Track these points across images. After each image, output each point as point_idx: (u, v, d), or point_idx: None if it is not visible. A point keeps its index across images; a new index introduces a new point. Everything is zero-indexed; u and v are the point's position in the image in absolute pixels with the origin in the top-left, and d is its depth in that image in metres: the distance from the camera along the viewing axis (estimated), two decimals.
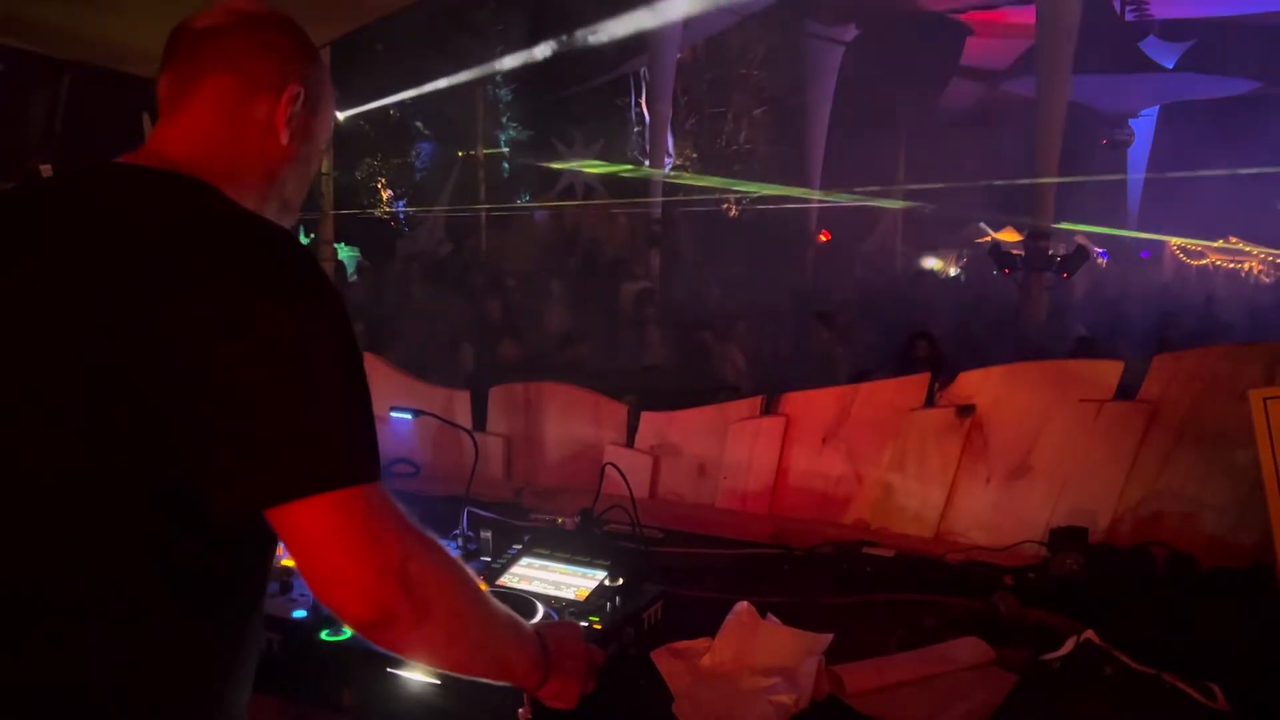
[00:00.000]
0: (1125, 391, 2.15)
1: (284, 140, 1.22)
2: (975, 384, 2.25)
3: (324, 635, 1.49)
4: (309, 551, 0.99)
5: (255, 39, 1.21)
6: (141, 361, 0.97)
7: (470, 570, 1.14)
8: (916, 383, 2.33)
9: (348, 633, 1.49)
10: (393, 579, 0.99)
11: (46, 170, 2.72)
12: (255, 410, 0.97)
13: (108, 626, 1.02)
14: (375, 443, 1.05)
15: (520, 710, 1.27)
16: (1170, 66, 17.90)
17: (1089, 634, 1.36)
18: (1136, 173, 20.20)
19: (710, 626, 1.62)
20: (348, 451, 1.01)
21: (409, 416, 2.44)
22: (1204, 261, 21.93)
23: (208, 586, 1.07)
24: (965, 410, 2.23)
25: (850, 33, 18.01)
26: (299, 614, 1.55)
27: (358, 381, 1.05)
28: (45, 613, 1.01)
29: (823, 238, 18.67)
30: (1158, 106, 19.76)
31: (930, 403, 2.30)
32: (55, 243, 1.06)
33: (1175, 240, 21.40)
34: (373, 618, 1.00)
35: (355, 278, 13.12)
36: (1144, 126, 19.54)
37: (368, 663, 1.44)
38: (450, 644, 1.10)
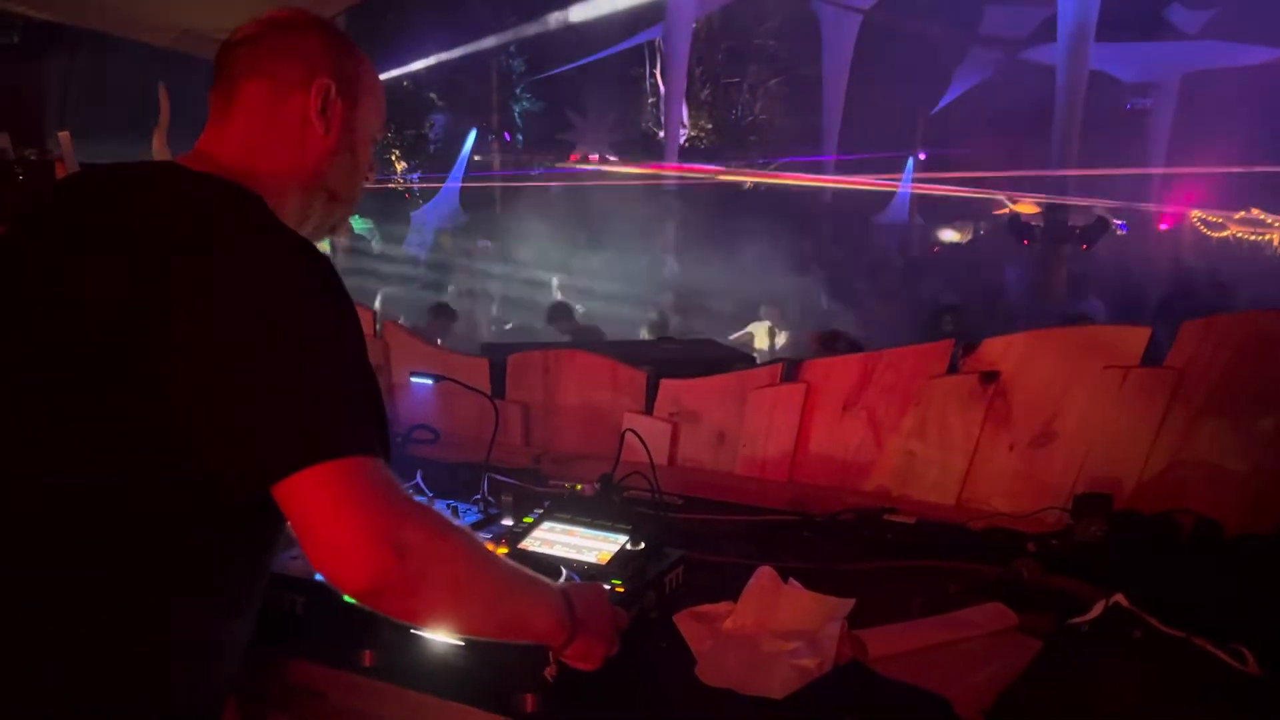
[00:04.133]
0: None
1: (321, 131, 1.30)
2: (999, 351, 2.23)
3: (347, 596, 1.49)
4: (303, 524, 1.01)
5: (282, 43, 1.29)
6: (138, 343, 1.02)
7: (473, 535, 1.16)
8: (939, 350, 2.30)
9: None
10: (386, 548, 1.00)
11: (65, 137, 2.73)
12: (244, 391, 1.01)
13: (102, 612, 1.06)
14: (370, 417, 1.07)
15: (546, 669, 1.27)
16: (1193, 34, 17.62)
17: (1118, 597, 1.35)
18: (1157, 143, 19.93)
19: (731, 591, 1.62)
20: (335, 425, 1.03)
21: (429, 382, 2.44)
22: (1224, 233, 21.67)
23: (211, 568, 1.13)
24: (989, 377, 2.21)
25: (868, 0, 17.79)
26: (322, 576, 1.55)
27: (351, 361, 1.08)
28: (42, 593, 1.05)
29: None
30: (1180, 75, 19.46)
31: (953, 370, 2.28)
32: (83, 229, 1.13)
33: (1196, 212, 21.15)
34: (368, 587, 1.02)
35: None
36: (1165, 96, 19.26)
37: (391, 624, 1.43)
38: (456, 608, 1.12)
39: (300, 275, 1.08)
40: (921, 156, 19.64)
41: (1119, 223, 19.12)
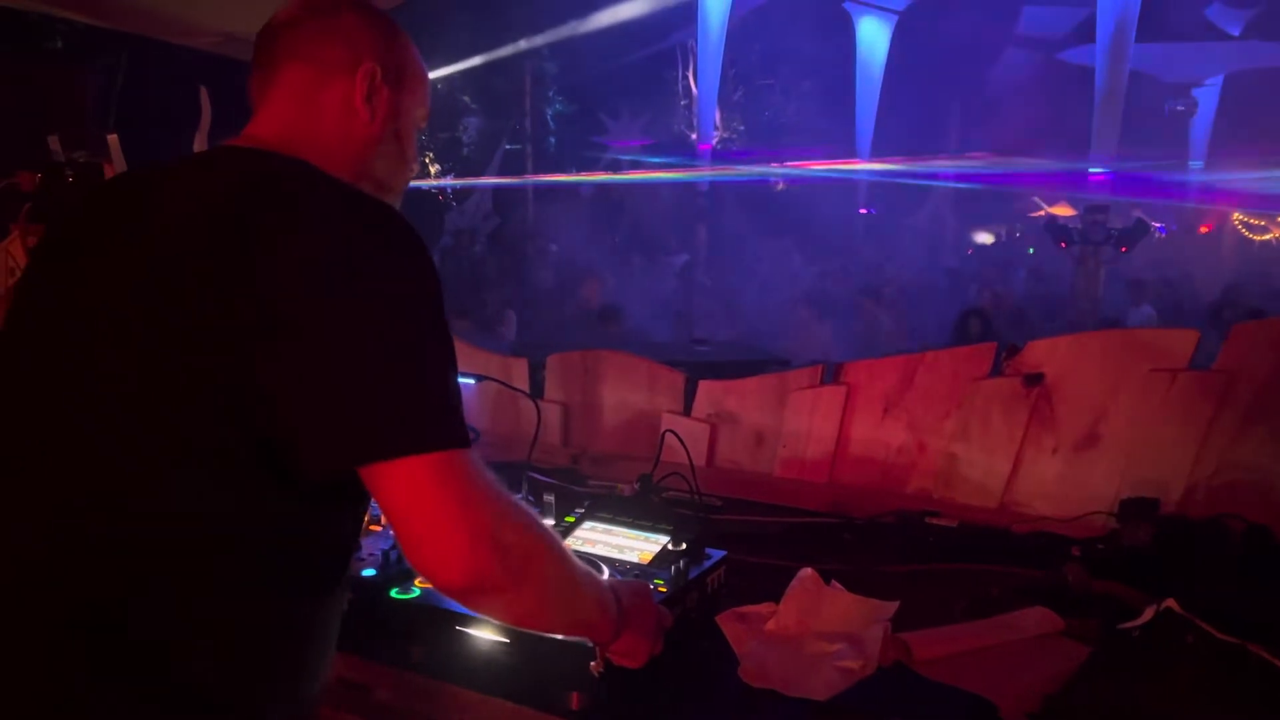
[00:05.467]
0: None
1: (367, 118, 1.24)
2: (1043, 353, 2.21)
3: (393, 593, 1.51)
4: (404, 514, 0.98)
5: (325, 26, 1.24)
6: (235, 317, 0.97)
7: (556, 532, 1.13)
8: (982, 352, 2.29)
9: (417, 591, 1.51)
10: (487, 545, 0.98)
11: (114, 140, 2.77)
12: (357, 366, 0.96)
13: (189, 592, 1.02)
14: (462, 408, 1.04)
15: (593, 664, 1.28)
16: (1236, 34, 17.31)
17: (1170, 602, 1.33)
18: (1199, 144, 19.60)
19: (773, 592, 1.61)
20: (446, 414, 1.00)
21: (471, 382, 2.46)
22: (1267, 236, 21.25)
23: (294, 551, 1.08)
24: (1033, 379, 2.18)
25: (903, 1, 17.66)
26: (368, 572, 1.57)
27: (450, 347, 1.05)
28: (128, 579, 1.01)
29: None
30: (1222, 76, 19.12)
31: (997, 372, 2.26)
32: (161, 207, 1.08)
33: (1237, 214, 20.76)
34: (467, 584, 0.99)
35: None
36: (1207, 96, 18.93)
37: (436, 620, 1.45)
38: (540, 607, 1.11)
39: (398, 251, 1.04)
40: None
41: (1158, 225, 18.81)
